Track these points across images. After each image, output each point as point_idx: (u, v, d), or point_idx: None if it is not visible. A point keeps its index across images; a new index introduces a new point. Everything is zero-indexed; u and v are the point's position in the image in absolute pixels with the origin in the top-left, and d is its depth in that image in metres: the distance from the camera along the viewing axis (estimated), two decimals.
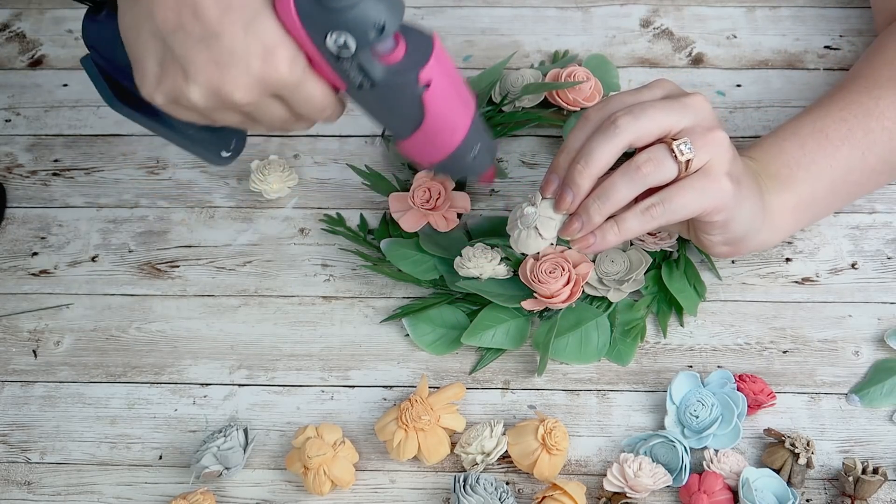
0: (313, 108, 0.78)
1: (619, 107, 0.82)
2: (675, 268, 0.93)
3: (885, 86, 0.91)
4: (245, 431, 0.85)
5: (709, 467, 0.83)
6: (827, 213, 0.93)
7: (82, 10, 1.15)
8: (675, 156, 0.80)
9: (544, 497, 0.81)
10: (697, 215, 0.82)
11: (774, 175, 0.88)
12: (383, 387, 0.90)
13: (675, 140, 0.80)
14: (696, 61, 1.08)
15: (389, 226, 0.97)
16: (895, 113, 0.90)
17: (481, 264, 0.91)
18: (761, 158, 0.89)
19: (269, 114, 0.78)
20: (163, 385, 0.91)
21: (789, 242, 0.95)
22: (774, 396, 0.86)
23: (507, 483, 0.84)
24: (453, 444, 0.86)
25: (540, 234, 0.85)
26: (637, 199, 0.82)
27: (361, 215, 0.99)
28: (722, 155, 0.81)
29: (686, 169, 0.80)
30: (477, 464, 0.84)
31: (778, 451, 0.83)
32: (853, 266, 0.94)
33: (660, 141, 0.81)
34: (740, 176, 0.83)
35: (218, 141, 0.84)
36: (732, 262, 0.95)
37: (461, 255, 0.92)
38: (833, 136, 0.89)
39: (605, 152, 0.81)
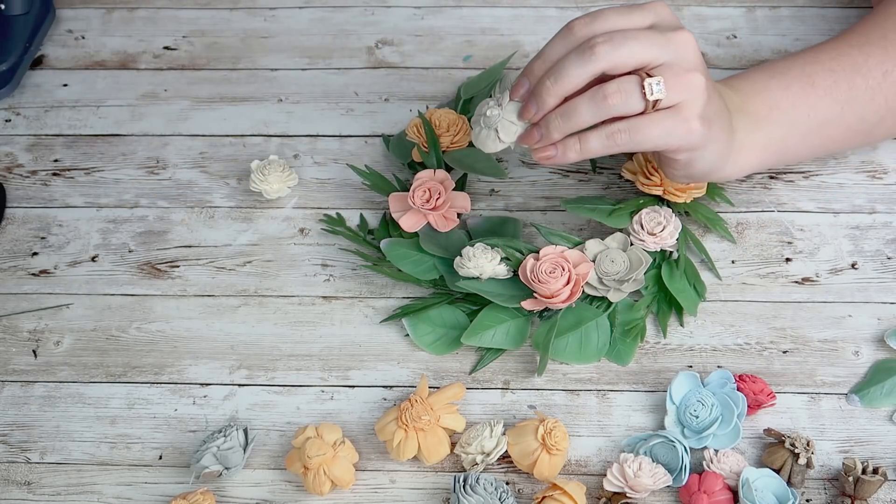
0: None
1: (603, 28, 0.81)
2: (675, 268, 0.93)
3: (877, 44, 0.91)
4: (245, 431, 0.85)
5: (709, 467, 0.83)
6: (793, 160, 0.93)
7: (82, 11, 1.16)
8: (645, 93, 0.79)
9: (544, 497, 0.81)
10: (661, 150, 0.83)
11: (753, 113, 0.88)
12: (383, 387, 0.90)
13: (649, 76, 0.80)
14: None
15: (389, 226, 0.97)
16: (881, 73, 0.90)
17: (481, 264, 0.91)
18: (744, 91, 0.89)
19: None
20: (163, 385, 0.91)
21: (789, 242, 0.96)
22: (774, 396, 0.86)
23: (507, 483, 0.84)
24: (453, 444, 0.86)
25: (499, 137, 0.85)
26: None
27: (361, 215, 0.99)
28: (695, 98, 0.81)
29: (653, 107, 0.80)
30: (477, 464, 0.84)
31: (778, 451, 0.83)
32: (853, 266, 0.94)
33: (635, 72, 0.80)
34: (713, 116, 0.83)
35: None
36: (732, 262, 0.95)
37: (461, 255, 0.92)
38: (819, 83, 0.89)
39: (576, 76, 0.80)
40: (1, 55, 1.09)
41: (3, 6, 1.11)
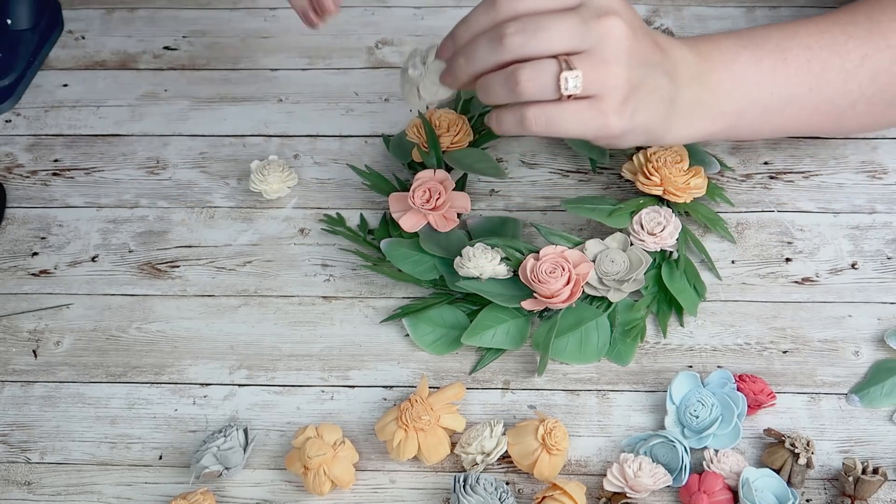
0: None
1: (525, 8, 0.76)
2: (675, 268, 0.93)
3: (862, 25, 0.87)
4: (245, 431, 0.85)
5: (709, 467, 0.83)
6: (747, 136, 0.90)
7: (82, 11, 1.16)
8: (560, 85, 0.76)
9: (544, 497, 0.81)
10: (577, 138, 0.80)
11: (712, 85, 0.84)
12: (383, 387, 0.90)
13: (568, 66, 0.75)
14: None
15: (389, 226, 0.97)
16: (859, 56, 0.86)
17: (481, 264, 0.91)
18: (711, 58, 0.84)
19: None
20: (163, 385, 0.91)
21: (789, 242, 0.96)
22: (774, 396, 0.86)
23: (507, 483, 0.84)
24: (453, 444, 0.86)
25: (419, 94, 0.84)
26: None
27: (361, 215, 0.99)
28: (613, 91, 0.77)
29: (568, 97, 0.76)
30: (477, 464, 0.84)
31: (778, 451, 0.83)
32: (853, 266, 0.94)
33: (556, 56, 0.76)
34: (639, 104, 0.79)
35: None
36: (732, 262, 0.95)
37: (461, 255, 0.92)
38: (791, 61, 0.85)
39: (486, 62, 0.77)
40: (6, 70, 1.09)
41: (9, 20, 1.11)
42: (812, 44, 0.86)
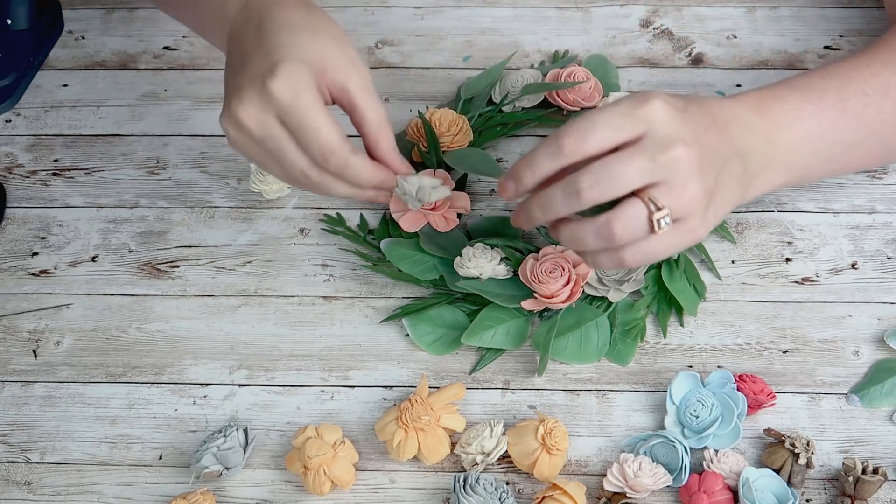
0: (310, 143, 0.79)
1: (592, 148, 0.77)
2: (675, 268, 0.93)
3: None
4: (245, 431, 0.85)
5: (709, 467, 0.83)
6: (811, 181, 0.93)
7: (82, 11, 1.16)
8: (653, 226, 0.77)
9: (544, 497, 0.81)
10: None
11: (780, 144, 0.85)
12: (383, 387, 0.90)
13: (657, 210, 0.77)
14: (696, 61, 1.08)
15: (389, 226, 0.97)
16: None
17: (481, 264, 0.91)
18: (777, 119, 0.84)
19: (282, 147, 0.80)
20: (163, 385, 0.91)
21: (789, 242, 0.96)
22: (774, 396, 0.86)
23: (507, 483, 0.84)
24: (453, 444, 0.86)
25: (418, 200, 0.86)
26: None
27: (361, 215, 0.99)
28: (697, 209, 0.78)
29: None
30: (477, 464, 0.84)
31: (778, 451, 0.83)
32: (853, 266, 0.94)
33: (637, 197, 0.77)
34: (717, 203, 0.80)
35: None
36: (732, 262, 0.95)
37: (461, 255, 0.92)
38: (850, 109, 0.87)
39: (563, 211, 0.79)
40: (5, 70, 1.09)
41: (9, 20, 1.11)
42: (867, 89, 0.88)
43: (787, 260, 0.95)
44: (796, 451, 0.82)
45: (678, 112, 0.79)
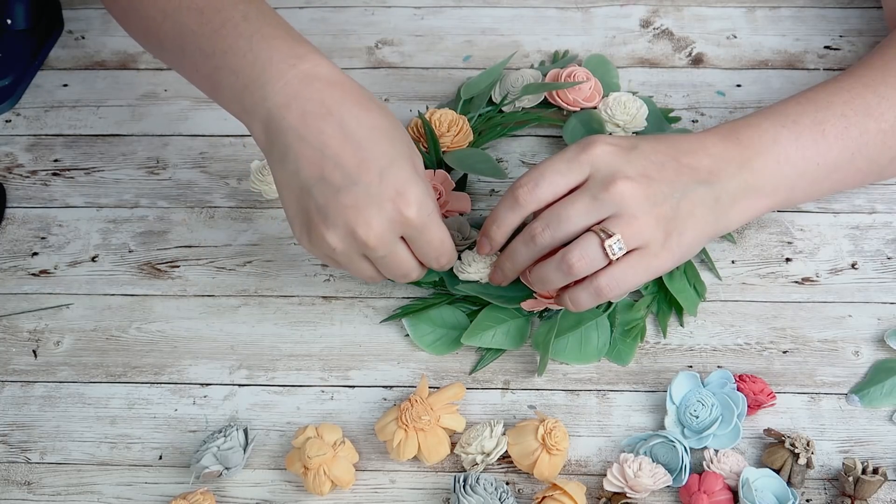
0: (432, 251, 0.85)
1: (543, 197, 0.84)
2: (675, 268, 0.93)
3: (892, 84, 0.89)
4: (245, 431, 0.85)
5: (709, 467, 0.83)
6: (799, 203, 0.93)
7: (83, 11, 1.16)
8: (607, 253, 0.82)
9: (544, 497, 0.81)
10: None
11: (759, 170, 0.86)
12: (383, 387, 0.90)
13: (607, 237, 0.82)
14: (696, 61, 1.08)
15: None
16: (894, 116, 0.88)
17: (481, 269, 0.91)
18: (753, 146, 0.86)
19: (397, 262, 0.85)
20: (163, 385, 0.91)
21: (789, 242, 0.96)
22: (774, 396, 0.86)
23: (507, 483, 0.84)
24: (453, 444, 0.86)
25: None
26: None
27: None
28: (652, 238, 0.83)
29: (618, 259, 0.83)
30: (477, 464, 0.84)
31: (778, 451, 0.83)
32: (853, 266, 0.94)
33: (592, 230, 0.82)
34: (677, 216, 0.83)
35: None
36: (732, 262, 0.95)
37: (461, 260, 0.91)
38: (830, 132, 0.88)
39: (529, 259, 0.86)
40: (6, 70, 1.09)
41: (9, 20, 1.11)
42: (847, 111, 0.88)
43: (787, 260, 0.95)
44: (796, 451, 0.82)
45: (622, 151, 0.84)
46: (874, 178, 0.92)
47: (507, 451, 0.84)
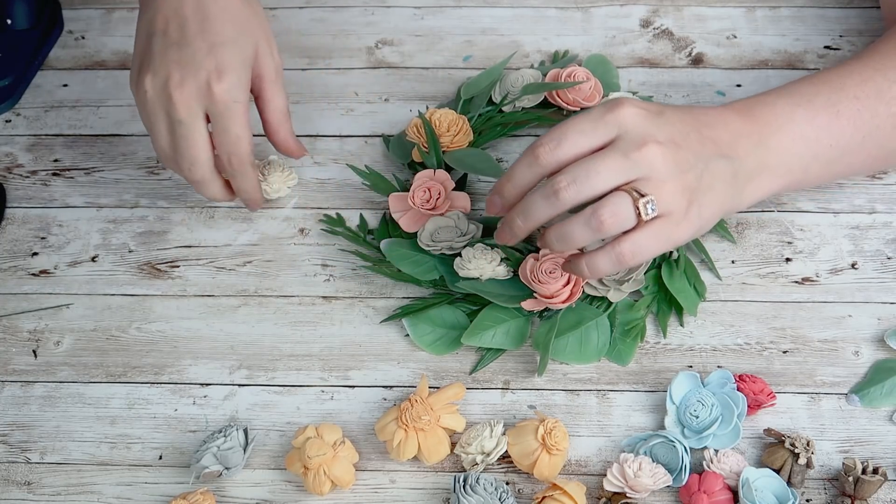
0: (227, 143, 0.90)
1: (567, 155, 0.81)
2: (675, 268, 0.93)
3: None
4: (245, 431, 0.85)
5: (709, 467, 0.83)
6: (810, 186, 0.93)
7: (83, 11, 1.16)
8: (640, 213, 0.80)
9: (544, 497, 0.81)
10: None
11: (774, 148, 0.86)
12: (383, 387, 0.90)
13: (640, 196, 0.79)
14: (696, 61, 1.08)
15: (389, 226, 0.97)
16: None
17: (481, 265, 0.91)
18: (769, 123, 0.86)
19: (192, 138, 0.89)
20: (163, 385, 0.91)
21: (789, 242, 0.96)
22: (774, 396, 0.86)
23: (507, 483, 0.84)
24: (453, 444, 0.86)
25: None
26: None
27: (361, 215, 0.99)
28: (677, 205, 0.81)
29: (646, 222, 0.80)
30: (477, 464, 0.84)
31: (778, 451, 0.83)
32: (853, 266, 0.94)
33: (622, 190, 0.80)
34: (699, 187, 0.82)
35: None
36: (732, 262, 0.95)
37: (461, 257, 0.91)
38: (843, 113, 0.87)
39: (545, 216, 0.82)
40: (6, 70, 1.09)
41: (9, 20, 1.11)
42: (860, 94, 0.88)
43: (787, 260, 0.95)
44: (796, 451, 0.82)
45: (651, 115, 0.82)
46: (882, 163, 0.93)
47: (507, 451, 0.84)
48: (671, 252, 0.93)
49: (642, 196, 0.79)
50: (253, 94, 0.94)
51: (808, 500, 0.83)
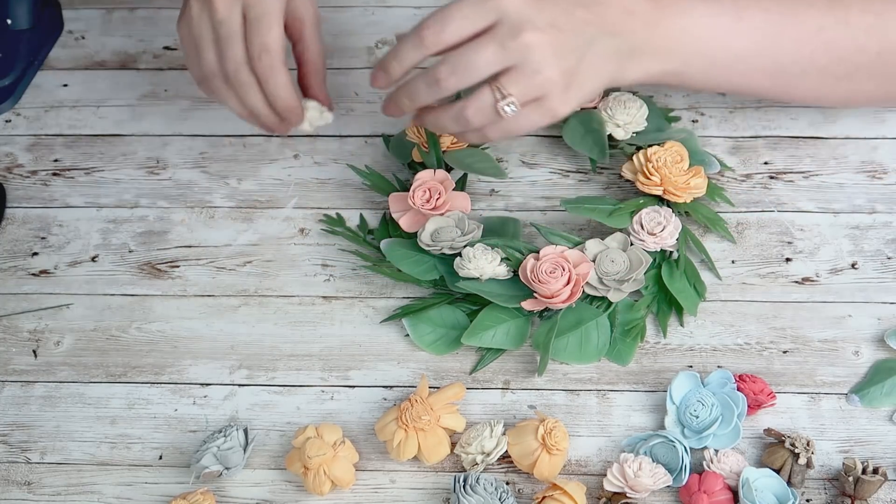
0: (260, 35, 0.87)
1: (450, 38, 0.84)
2: (675, 268, 0.93)
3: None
4: (245, 431, 0.85)
5: (709, 467, 0.83)
6: (696, 86, 0.93)
7: (83, 11, 1.16)
8: (500, 113, 0.84)
9: (544, 497, 0.81)
10: None
11: (663, 29, 0.87)
12: (383, 387, 0.90)
13: (501, 94, 0.84)
14: None
15: (389, 226, 0.97)
16: (815, 28, 0.89)
17: (481, 265, 0.91)
18: (665, 6, 0.88)
19: (233, 38, 0.88)
20: (163, 385, 0.91)
21: (789, 242, 0.96)
22: (774, 396, 0.86)
23: (507, 483, 0.84)
24: (453, 444, 0.86)
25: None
26: None
27: (361, 215, 0.99)
28: (551, 91, 0.85)
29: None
30: (477, 464, 0.84)
31: (778, 451, 0.83)
32: (853, 266, 0.94)
33: (488, 85, 0.84)
34: (579, 69, 0.85)
35: None
36: (732, 262, 0.95)
37: (461, 256, 0.91)
38: (746, 20, 0.88)
39: (428, 99, 0.87)
40: (6, 70, 1.09)
41: (9, 21, 1.11)
42: (771, 7, 0.89)
43: (787, 260, 0.95)
44: (796, 451, 0.82)
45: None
46: (781, 89, 0.93)
47: (507, 451, 0.84)
48: (671, 252, 0.93)
49: (504, 97, 0.84)
50: (292, 39, 0.93)
51: (808, 500, 0.83)
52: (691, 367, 0.89)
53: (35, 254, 0.99)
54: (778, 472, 0.82)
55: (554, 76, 0.84)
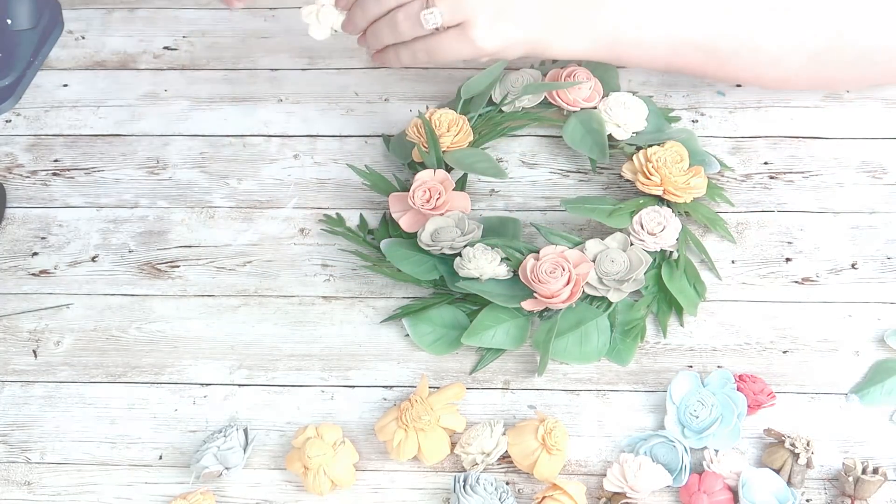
0: None
1: None
2: (675, 268, 0.93)
3: None
4: (245, 431, 0.85)
5: (709, 467, 0.83)
6: (630, 64, 0.98)
7: (83, 11, 1.16)
8: (422, 20, 0.91)
9: (544, 497, 0.81)
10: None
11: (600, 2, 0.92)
12: (383, 387, 0.90)
13: (425, 7, 0.91)
14: None
15: (389, 226, 0.97)
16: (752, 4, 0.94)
17: (481, 265, 0.91)
18: None
19: None
20: (163, 385, 0.91)
21: (789, 242, 0.96)
22: (774, 396, 0.86)
23: (507, 483, 0.84)
24: (453, 444, 0.86)
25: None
26: None
27: (361, 215, 0.99)
28: (474, 18, 0.91)
29: (440, 28, 0.92)
30: (477, 464, 0.84)
31: (778, 451, 0.83)
32: (853, 266, 0.94)
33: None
34: (509, 8, 0.91)
35: None
36: (732, 262, 0.95)
37: (461, 256, 0.91)
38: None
39: (375, 12, 0.94)
40: (6, 70, 1.09)
41: (9, 20, 1.11)
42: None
43: (787, 260, 0.95)
44: (796, 451, 0.82)
45: None
46: (717, 67, 0.97)
47: (507, 451, 0.84)
48: (671, 252, 0.93)
49: (428, 7, 0.91)
50: None
51: (808, 500, 0.83)
52: (691, 367, 0.89)
53: (35, 254, 0.99)
54: (778, 472, 0.82)
55: (483, 4, 0.90)
